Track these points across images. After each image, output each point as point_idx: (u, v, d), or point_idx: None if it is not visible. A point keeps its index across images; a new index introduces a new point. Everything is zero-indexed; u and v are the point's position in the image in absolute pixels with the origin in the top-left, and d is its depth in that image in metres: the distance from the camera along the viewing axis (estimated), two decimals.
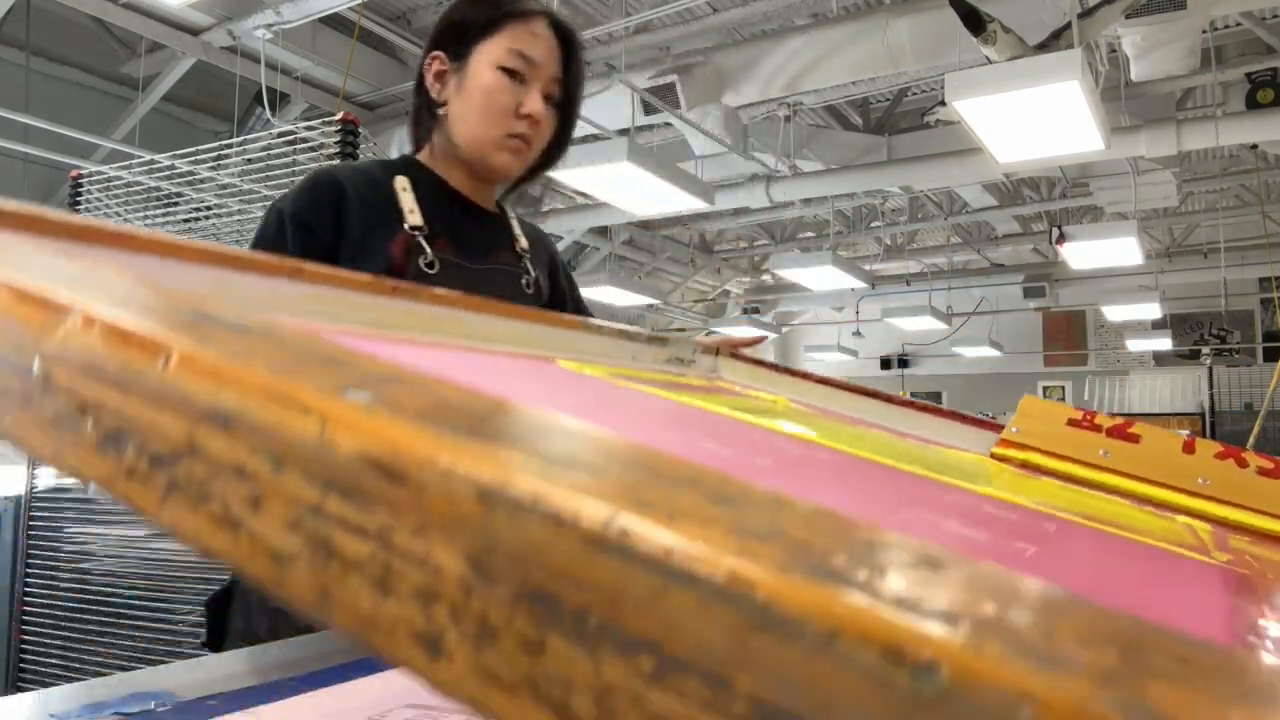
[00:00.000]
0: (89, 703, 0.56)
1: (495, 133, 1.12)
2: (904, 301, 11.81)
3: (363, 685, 0.61)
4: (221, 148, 2.80)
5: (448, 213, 1.15)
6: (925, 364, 14.96)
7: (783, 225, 10.68)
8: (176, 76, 6.28)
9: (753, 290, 13.48)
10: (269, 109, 5.54)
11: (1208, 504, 0.69)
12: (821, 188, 7.91)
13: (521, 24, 1.12)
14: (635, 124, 5.84)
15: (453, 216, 1.15)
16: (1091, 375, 13.03)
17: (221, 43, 5.79)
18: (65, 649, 2.66)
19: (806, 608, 0.15)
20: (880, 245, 11.45)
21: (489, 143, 1.12)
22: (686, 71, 5.57)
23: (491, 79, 1.11)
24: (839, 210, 9.64)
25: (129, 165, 2.96)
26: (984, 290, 12.15)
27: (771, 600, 0.15)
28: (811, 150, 7.70)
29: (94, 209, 2.98)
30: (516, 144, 1.13)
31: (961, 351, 12.64)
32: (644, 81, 5.59)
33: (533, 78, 1.12)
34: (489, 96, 1.10)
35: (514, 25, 1.12)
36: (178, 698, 0.57)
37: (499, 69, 1.10)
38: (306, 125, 2.55)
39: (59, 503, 2.81)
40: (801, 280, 9.00)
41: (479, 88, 1.11)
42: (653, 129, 7.15)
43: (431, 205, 1.13)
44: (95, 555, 2.68)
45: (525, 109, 1.11)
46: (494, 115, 1.11)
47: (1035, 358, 14.00)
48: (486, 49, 1.11)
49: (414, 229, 1.09)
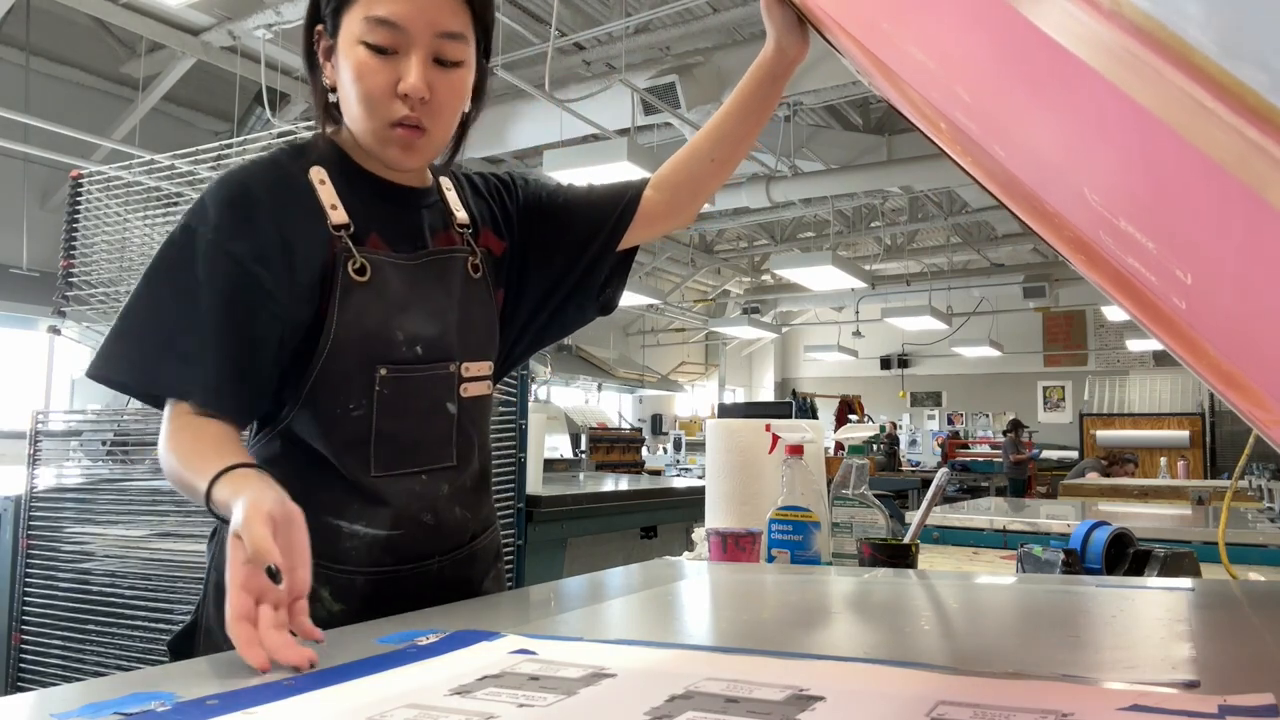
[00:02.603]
0: (89, 703, 0.56)
1: (375, 123, 0.94)
2: (904, 301, 11.81)
3: (363, 685, 0.61)
4: (221, 148, 2.80)
5: (372, 203, 1.00)
6: (925, 364, 14.96)
7: (783, 225, 10.68)
8: (176, 76, 6.28)
9: (753, 290, 13.47)
10: (269, 109, 5.54)
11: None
12: (821, 188, 7.90)
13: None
14: (635, 124, 5.85)
15: (378, 206, 1.01)
16: (1091, 375, 13.03)
17: (221, 43, 5.79)
18: (65, 649, 2.66)
19: None
20: (880, 245, 11.45)
21: (375, 138, 0.96)
22: (686, 71, 5.57)
23: (357, 58, 0.92)
24: (839, 210, 9.64)
25: (129, 165, 2.96)
26: (984, 290, 12.14)
27: None
28: (811, 150, 7.70)
29: (94, 209, 2.98)
30: (404, 134, 0.94)
31: (961, 351, 12.64)
32: (644, 81, 5.59)
33: (406, 45, 0.92)
34: (359, 82, 0.92)
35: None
36: (178, 698, 0.57)
37: (362, 44, 0.92)
38: (306, 125, 2.55)
39: (59, 503, 2.81)
40: (801, 280, 9.00)
41: (347, 72, 0.93)
42: (653, 129, 7.15)
43: (353, 195, 0.99)
44: (95, 555, 2.68)
45: (402, 87, 0.92)
46: (369, 104, 0.93)
47: (1035, 358, 14.00)
48: (350, 21, 0.92)
49: (338, 229, 0.96)
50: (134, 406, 4.07)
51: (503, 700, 0.54)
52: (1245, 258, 0.48)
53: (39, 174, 6.90)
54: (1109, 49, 0.45)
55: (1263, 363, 0.59)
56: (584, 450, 8.46)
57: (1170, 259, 0.57)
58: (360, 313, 0.96)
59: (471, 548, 1.07)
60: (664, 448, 11.36)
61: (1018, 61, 0.58)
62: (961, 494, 7.77)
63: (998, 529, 2.04)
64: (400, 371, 0.98)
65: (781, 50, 1.15)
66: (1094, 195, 0.60)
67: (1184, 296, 0.58)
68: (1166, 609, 0.85)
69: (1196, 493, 3.33)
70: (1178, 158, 0.45)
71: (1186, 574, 1.26)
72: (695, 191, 1.23)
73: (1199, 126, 0.40)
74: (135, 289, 0.93)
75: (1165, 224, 0.55)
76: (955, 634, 0.83)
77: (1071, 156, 0.62)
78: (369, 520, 0.97)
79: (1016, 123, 0.69)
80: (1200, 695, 0.54)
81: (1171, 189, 0.51)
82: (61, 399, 5.87)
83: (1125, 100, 0.46)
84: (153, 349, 0.91)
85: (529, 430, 2.95)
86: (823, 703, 0.50)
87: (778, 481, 1.28)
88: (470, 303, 1.06)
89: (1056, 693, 0.54)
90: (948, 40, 0.69)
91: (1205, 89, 0.38)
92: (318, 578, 0.85)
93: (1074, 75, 0.51)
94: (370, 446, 0.97)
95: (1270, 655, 0.71)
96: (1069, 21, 0.48)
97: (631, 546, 3.48)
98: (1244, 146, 0.37)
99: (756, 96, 1.18)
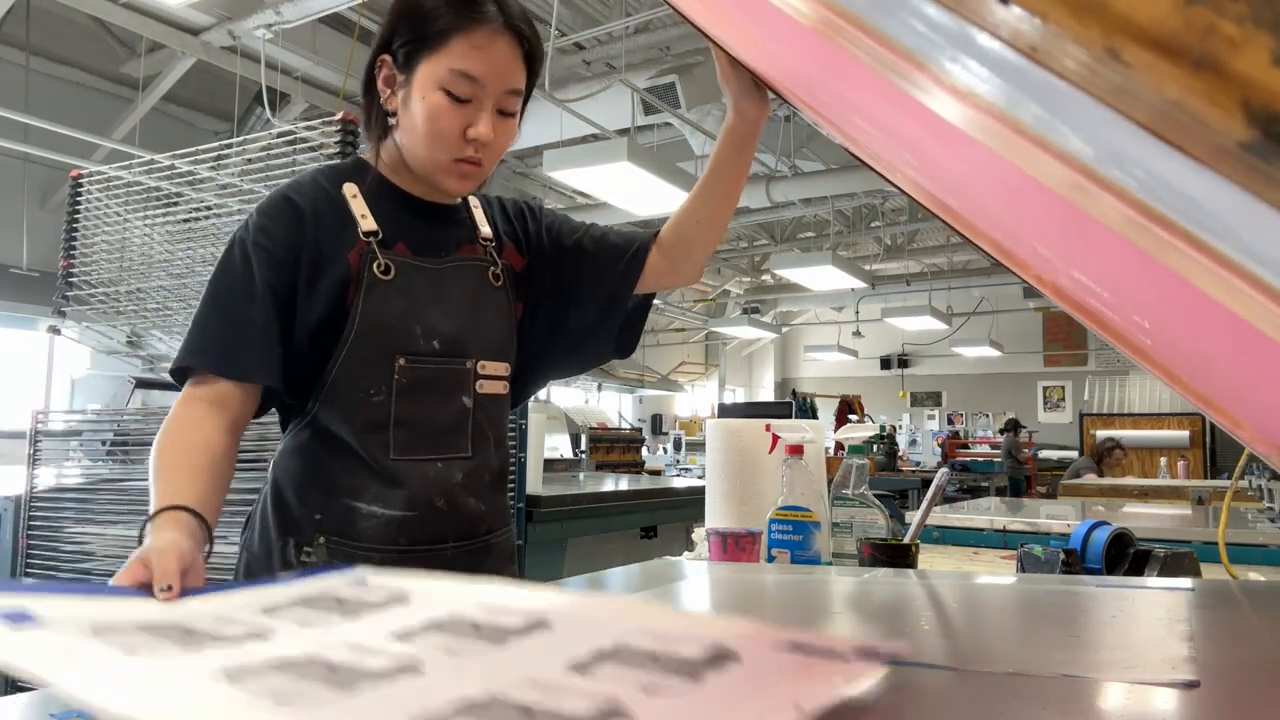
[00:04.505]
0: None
1: (442, 158, 1.06)
2: (904, 301, 11.81)
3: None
4: (221, 148, 2.80)
5: (402, 216, 1.11)
6: (925, 364, 14.96)
7: (783, 225, 10.67)
8: (176, 76, 6.28)
9: (753, 290, 13.47)
10: (269, 109, 5.53)
11: None
12: (821, 188, 7.90)
13: (469, 38, 1.02)
14: (635, 124, 5.84)
15: (407, 220, 1.12)
16: (1091, 375, 13.02)
17: (221, 43, 5.79)
18: None
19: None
20: (880, 245, 11.44)
21: (436, 168, 1.07)
22: (686, 71, 5.57)
23: (435, 103, 1.03)
24: (839, 210, 9.63)
25: (129, 165, 2.96)
26: (984, 290, 12.14)
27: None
28: (811, 150, 7.70)
29: (94, 209, 2.98)
30: (465, 169, 1.07)
31: (961, 351, 12.64)
32: (644, 81, 5.59)
33: (482, 97, 1.04)
34: (432, 122, 1.03)
35: (460, 41, 1.02)
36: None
37: (443, 90, 1.03)
38: (306, 125, 2.55)
39: (59, 503, 2.81)
40: (801, 280, 9.00)
41: (422, 111, 1.04)
42: (653, 129, 7.15)
43: (384, 209, 1.10)
44: (95, 555, 2.68)
45: (472, 133, 1.04)
46: (439, 142, 1.05)
47: (1035, 358, 13.99)
48: (431, 66, 1.03)
49: (368, 234, 1.07)
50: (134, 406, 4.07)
51: (437, 649, 0.53)
52: (1186, 320, 0.52)
53: (39, 174, 6.90)
54: (1003, 139, 0.51)
55: (1231, 395, 0.60)
56: (584, 450, 8.46)
57: (1125, 307, 0.60)
58: (383, 307, 1.06)
59: (485, 540, 1.15)
60: (664, 448, 11.36)
61: (942, 139, 0.63)
62: (961, 494, 7.77)
63: (998, 529, 2.04)
64: (418, 362, 1.07)
65: (742, 114, 1.20)
66: (1044, 250, 0.64)
67: (1148, 335, 0.61)
68: (1166, 609, 0.84)
69: (1196, 493, 3.33)
70: (1102, 235, 0.49)
71: (1186, 574, 1.26)
72: (688, 252, 1.28)
73: (1108, 212, 0.48)
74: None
75: (1110, 281, 0.58)
76: (955, 634, 0.83)
77: (1014, 218, 0.66)
78: (385, 502, 1.06)
79: (959, 187, 0.72)
80: (842, 638, 0.58)
81: (1104, 257, 0.54)
82: (61, 399, 5.87)
83: (1027, 178, 0.52)
84: (209, 333, 1.04)
85: (529, 430, 2.95)
86: (737, 663, 0.52)
87: (778, 481, 1.28)
88: (489, 307, 1.15)
89: (732, 630, 0.57)
90: (881, 117, 0.73)
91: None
92: (339, 554, 1.04)
93: (984, 156, 0.56)
94: (389, 430, 1.06)
95: (1270, 655, 0.71)
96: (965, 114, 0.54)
97: (631, 546, 3.48)
98: (1152, 238, 0.45)
99: (729, 161, 1.24)
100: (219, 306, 1.04)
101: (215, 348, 1.02)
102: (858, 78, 0.66)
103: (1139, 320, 0.60)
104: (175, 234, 2.84)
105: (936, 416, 14.92)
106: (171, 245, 2.83)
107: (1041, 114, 0.47)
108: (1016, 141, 0.50)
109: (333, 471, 1.07)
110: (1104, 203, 0.46)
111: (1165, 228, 0.44)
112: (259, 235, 1.05)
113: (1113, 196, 0.46)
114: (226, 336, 1.02)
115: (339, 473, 1.06)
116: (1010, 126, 0.50)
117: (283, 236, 1.05)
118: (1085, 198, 0.48)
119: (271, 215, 1.07)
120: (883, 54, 0.57)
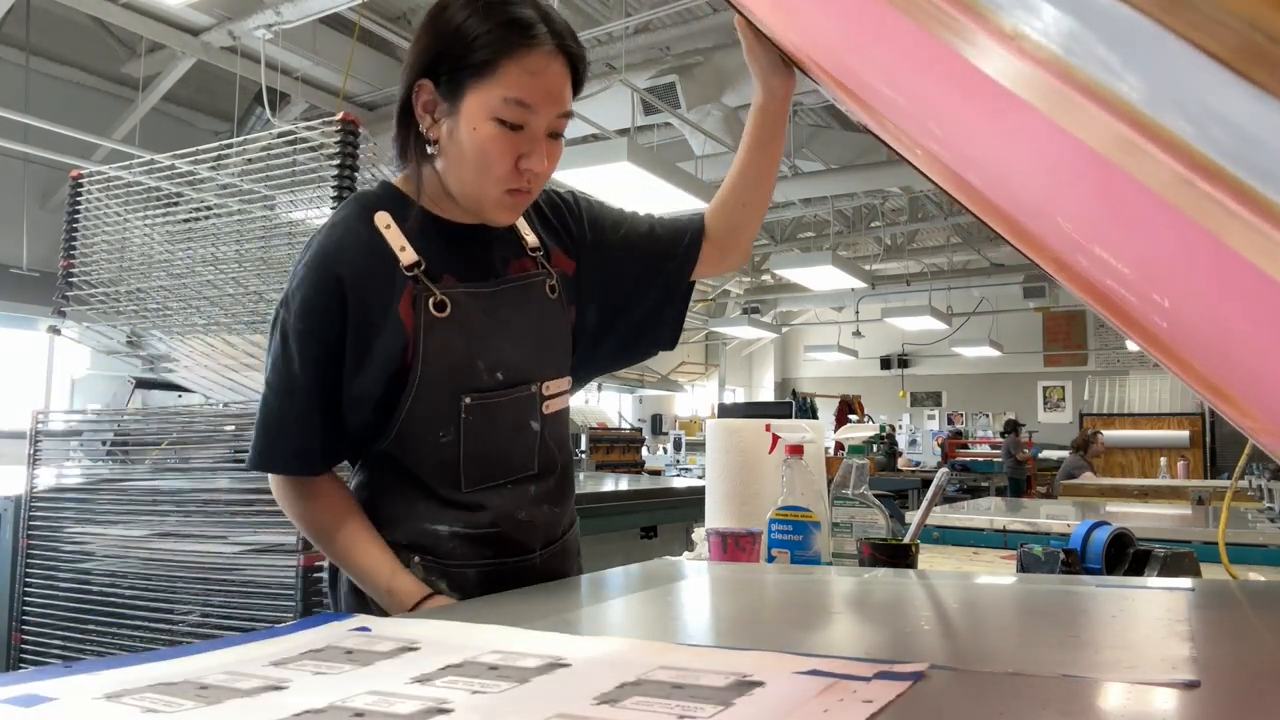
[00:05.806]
0: None
1: (494, 191, 1.01)
2: (904, 301, 11.80)
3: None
4: (221, 148, 2.80)
5: (442, 246, 1.06)
6: (925, 364, 14.95)
7: (783, 225, 10.67)
8: (176, 76, 6.27)
9: (753, 290, 13.47)
10: (269, 109, 5.53)
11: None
12: (821, 188, 7.90)
13: (521, 64, 0.96)
14: (635, 124, 5.84)
15: (448, 248, 1.06)
16: (1091, 375, 13.02)
17: (221, 43, 5.78)
18: (65, 649, 2.66)
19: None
20: (880, 245, 11.44)
21: (486, 200, 1.03)
22: (686, 71, 5.57)
23: (487, 133, 0.97)
24: (839, 210, 9.63)
25: (129, 165, 2.96)
26: (984, 290, 12.13)
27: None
28: (811, 150, 7.70)
29: (94, 209, 2.97)
30: (515, 199, 1.03)
31: (961, 351, 12.63)
32: (644, 81, 5.59)
33: (534, 122, 0.98)
34: (485, 155, 0.98)
35: (512, 67, 0.95)
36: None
37: (495, 120, 0.97)
38: (306, 125, 2.55)
39: (59, 503, 2.81)
40: (801, 280, 8.99)
41: (473, 143, 0.98)
42: (653, 129, 7.15)
43: (423, 240, 1.04)
44: (95, 555, 2.68)
45: (525, 165, 0.99)
46: (491, 174, 0.99)
47: (1035, 358, 13.99)
48: (481, 95, 0.96)
49: (410, 268, 1.02)
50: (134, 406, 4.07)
51: (459, 689, 0.55)
52: (1215, 288, 0.49)
53: (39, 174, 6.90)
54: (1047, 92, 0.48)
55: (1245, 378, 0.59)
56: (584, 450, 8.46)
57: (1146, 284, 0.58)
58: (444, 348, 1.03)
59: (564, 541, 1.16)
60: (664, 448, 11.35)
61: (978, 101, 0.60)
62: (961, 494, 7.77)
63: (998, 529, 2.04)
64: (484, 399, 1.05)
65: (771, 91, 1.20)
66: (1066, 223, 0.61)
67: (1164, 317, 0.59)
68: (1166, 609, 0.84)
69: (1196, 493, 3.33)
70: (1139, 198, 0.47)
71: (1186, 574, 1.26)
72: (736, 236, 1.28)
73: (1151, 170, 0.43)
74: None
75: (1136, 253, 0.56)
76: (955, 634, 0.83)
77: (1041, 188, 0.64)
78: (467, 523, 1.06)
79: (986, 156, 0.70)
80: (863, 662, 0.58)
81: (1136, 224, 0.52)
82: (61, 399, 5.87)
83: (1070, 138, 0.48)
84: (261, 434, 1.07)
85: None
86: (761, 688, 0.53)
87: (778, 481, 1.28)
88: (548, 324, 1.13)
89: (749, 661, 0.59)
90: (914, 80, 0.71)
91: (1133, 129, 0.43)
92: (435, 571, 1.05)
93: (1023, 117, 0.53)
94: (460, 468, 1.05)
95: (1270, 655, 0.71)
96: (1011, 67, 0.50)
97: (631, 546, 3.48)
98: (1196, 194, 0.42)
99: (762, 137, 1.23)
100: (276, 403, 1.05)
101: (280, 452, 1.06)
102: (893, 32, 0.64)
103: (1158, 299, 0.58)
104: (175, 234, 2.84)
105: (936, 416, 14.91)
106: (171, 245, 2.82)
107: (1099, 51, 0.43)
108: (1063, 92, 0.46)
109: (409, 500, 1.07)
110: (1149, 157, 0.43)
111: (1215, 182, 0.40)
112: (299, 321, 1.02)
113: (1160, 148, 0.42)
114: (288, 436, 1.05)
115: (416, 501, 1.06)
116: (1058, 73, 0.46)
117: (323, 310, 1.01)
118: (1128, 154, 0.44)
119: (309, 293, 1.01)
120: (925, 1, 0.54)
